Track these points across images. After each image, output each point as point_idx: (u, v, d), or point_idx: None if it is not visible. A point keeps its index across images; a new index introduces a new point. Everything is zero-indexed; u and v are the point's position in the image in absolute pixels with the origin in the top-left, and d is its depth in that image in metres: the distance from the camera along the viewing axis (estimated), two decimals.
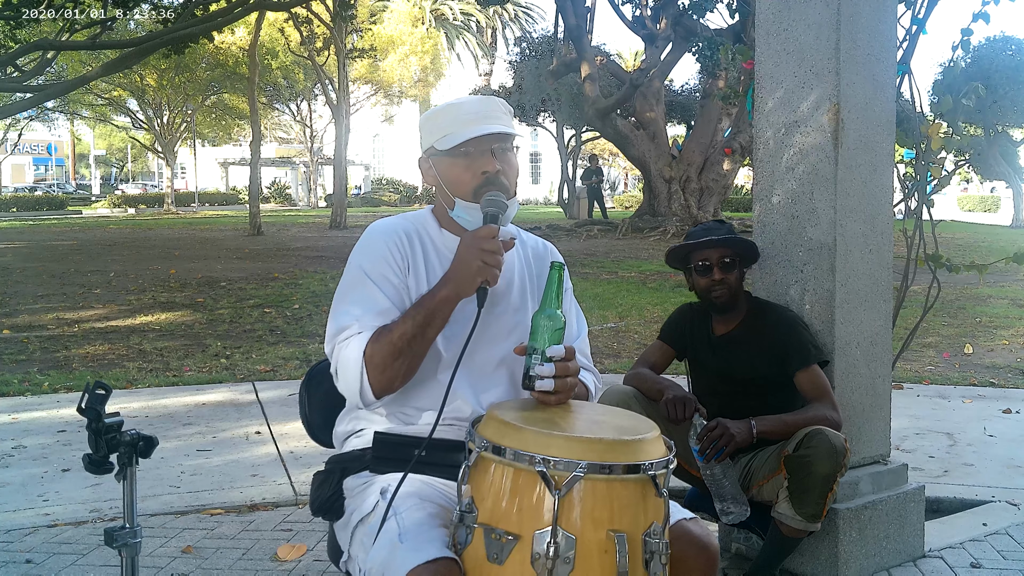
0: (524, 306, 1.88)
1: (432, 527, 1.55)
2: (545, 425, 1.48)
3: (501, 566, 1.40)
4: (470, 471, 1.49)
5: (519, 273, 1.90)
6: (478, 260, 1.64)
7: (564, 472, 1.38)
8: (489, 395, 1.80)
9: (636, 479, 1.42)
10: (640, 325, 8.00)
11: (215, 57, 28.60)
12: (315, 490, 1.84)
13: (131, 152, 55.10)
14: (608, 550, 1.38)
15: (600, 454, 1.40)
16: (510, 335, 1.83)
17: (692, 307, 2.88)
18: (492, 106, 1.83)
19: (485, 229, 1.68)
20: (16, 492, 3.67)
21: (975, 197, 41.78)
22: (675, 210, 18.37)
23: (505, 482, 1.44)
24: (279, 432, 4.57)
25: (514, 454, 1.42)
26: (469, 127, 1.78)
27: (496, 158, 1.79)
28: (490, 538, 1.42)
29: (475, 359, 1.79)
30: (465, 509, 1.47)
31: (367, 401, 1.73)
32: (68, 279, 11.46)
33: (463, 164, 1.79)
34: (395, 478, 1.66)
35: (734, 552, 2.98)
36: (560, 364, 1.61)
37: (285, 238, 19.02)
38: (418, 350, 1.69)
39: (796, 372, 2.63)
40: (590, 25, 19.53)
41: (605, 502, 1.40)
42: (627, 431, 1.50)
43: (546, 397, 1.61)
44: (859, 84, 2.81)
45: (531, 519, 1.40)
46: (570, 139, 31.95)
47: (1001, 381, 5.91)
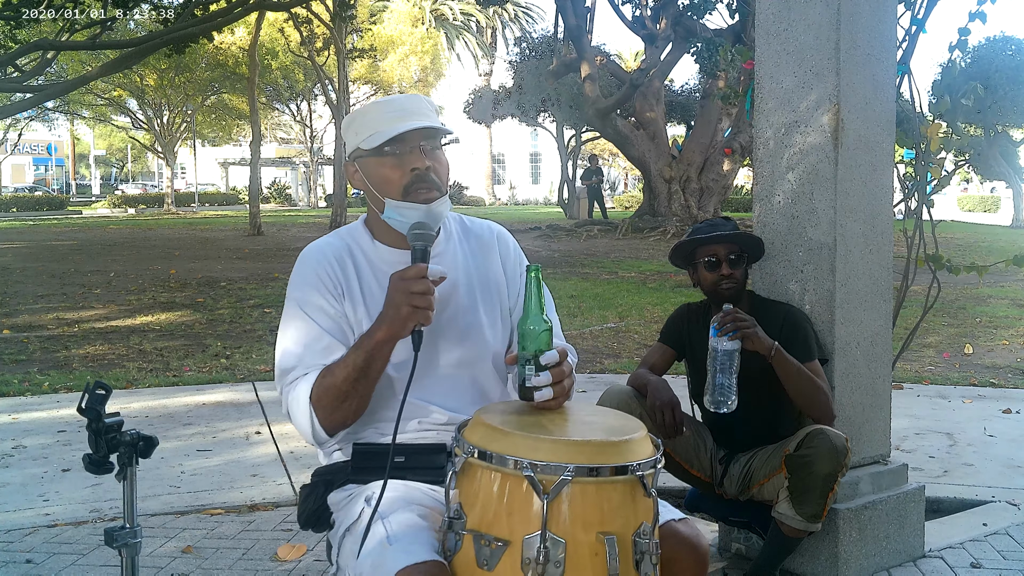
0: (474, 305, 1.85)
1: (421, 530, 1.55)
2: (532, 428, 1.48)
3: (491, 572, 1.40)
4: (457, 477, 1.48)
5: (464, 270, 1.87)
6: (407, 305, 1.57)
7: (552, 476, 1.37)
8: (457, 400, 1.79)
9: (624, 480, 1.41)
10: (640, 325, 8.00)
11: (215, 57, 28.59)
12: (302, 503, 1.85)
13: (131, 152, 55.08)
14: (598, 552, 1.38)
15: (588, 456, 1.40)
16: (466, 337, 1.81)
17: (691, 307, 2.88)
18: (418, 103, 1.79)
19: (413, 269, 1.61)
20: (16, 492, 3.67)
21: (975, 197, 41.77)
22: (675, 210, 18.37)
23: (493, 487, 1.43)
24: (279, 432, 4.57)
25: (500, 459, 1.41)
26: (395, 124, 1.73)
27: (425, 155, 1.75)
28: (479, 544, 1.41)
29: (436, 365, 1.79)
30: (454, 515, 1.46)
31: (320, 440, 1.71)
32: (68, 279, 11.47)
33: (391, 163, 1.75)
34: (379, 486, 1.65)
35: (734, 552, 2.98)
36: (555, 370, 1.59)
37: (285, 238, 19.01)
38: (364, 390, 1.66)
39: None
40: (590, 25, 19.53)
41: (594, 504, 1.40)
42: (615, 431, 1.49)
43: (546, 404, 1.59)
44: (859, 84, 2.81)
45: (520, 524, 1.39)
46: (570, 139, 31.95)
47: (1001, 381, 5.91)
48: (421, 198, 1.74)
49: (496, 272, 1.92)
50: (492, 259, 1.93)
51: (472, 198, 42.83)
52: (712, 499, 2.79)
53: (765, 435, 2.67)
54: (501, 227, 2.01)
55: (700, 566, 1.61)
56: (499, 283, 1.91)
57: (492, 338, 1.86)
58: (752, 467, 2.64)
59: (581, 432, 1.50)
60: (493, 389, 1.86)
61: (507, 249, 1.96)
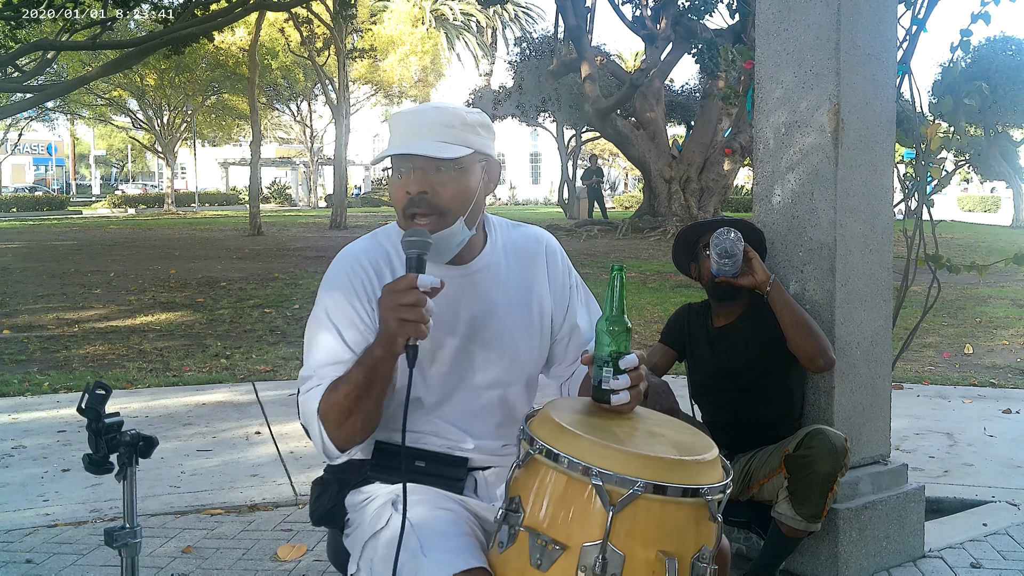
0: (514, 326, 1.77)
1: (453, 537, 1.51)
2: (602, 435, 1.43)
3: (544, 572, 1.37)
4: (519, 469, 1.45)
5: (504, 288, 1.78)
6: (395, 318, 1.47)
7: (619, 488, 1.34)
8: (484, 424, 1.75)
9: (692, 502, 1.37)
10: (640, 325, 7.99)
11: (215, 57, 28.60)
12: (314, 500, 1.81)
13: (131, 152, 55.11)
14: (656, 571, 1.35)
15: (658, 473, 1.36)
16: (501, 359, 1.76)
17: (691, 307, 2.88)
18: (426, 120, 1.64)
19: (402, 280, 1.49)
20: (16, 492, 3.67)
21: (975, 197, 41.75)
22: (675, 210, 18.36)
23: (557, 489, 1.39)
24: (279, 432, 4.57)
25: (569, 463, 1.37)
26: (402, 140, 1.64)
27: (421, 178, 1.62)
28: (535, 543, 1.38)
29: (468, 386, 1.74)
30: (511, 508, 1.43)
31: (332, 455, 1.66)
32: (68, 279, 11.46)
33: (396, 180, 1.66)
34: (399, 488, 1.62)
35: (734, 552, 2.98)
36: (634, 374, 1.53)
37: (285, 238, 19.02)
38: (368, 407, 1.58)
39: None
40: (590, 25, 19.53)
41: (658, 522, 1.36)
42: (686, 449, 1.45)
43: (620, 409, 1.53)
44: (859, 84, 2.81)
45: (580, 530, 1.36)
46: (570, 139, 31.96)
47: (1001, 381, 5.91)
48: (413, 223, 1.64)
49: (540, 290, 1.83)
50: (538, 275, 1.84)
51: None
52: None
53: (765, 435, 2.67)
54: (550, 236, 1.91)
55: (722, 566, 1.59)
56: (543, 302, 1.83)
57: (529, 360, 1.81)
58: (752, 467, 2.64)
59: (652, 445, 1.45)
60: (520, 408, 1.79)
61: (555, 263, 1.86)
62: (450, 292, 1.62)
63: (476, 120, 1.67)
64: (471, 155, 1.65)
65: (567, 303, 1.86)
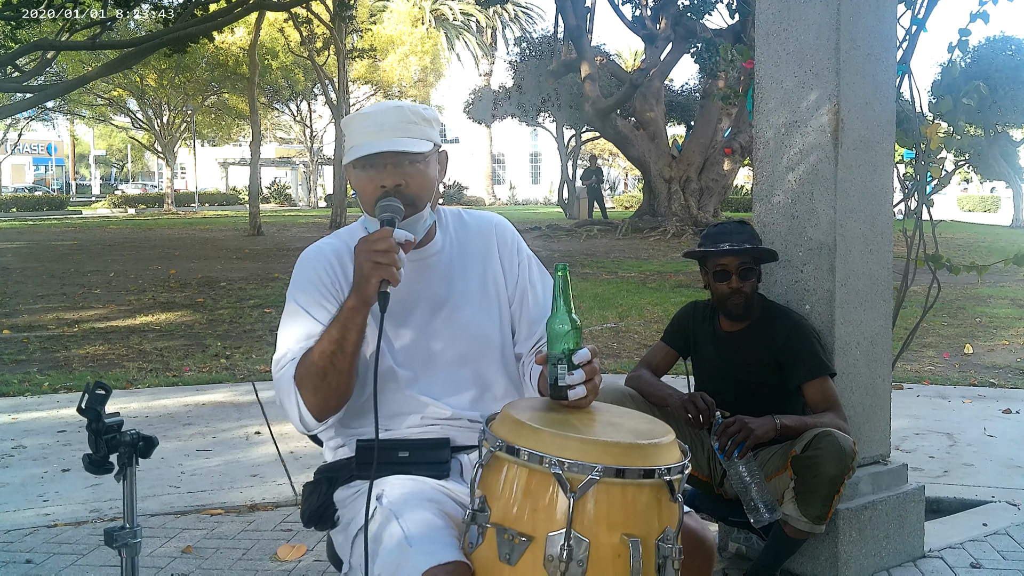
0: (472, 301, 1.86)
1: (439, 528, 1.54)
2: (561, 426, 1.48)
3: (513, 567, 1.40)
4: (483, 470, 1.48)
5: (461, 267, 1.88)
6: (369, 262, 1.59)
7: (579, 475, 1.37)
8: (459, 395, 1.81)
9: (651, 484, 1.41)
10: (640, 325, 7.99)
11: (215, 57, 28.58)
12: (305, 500, 1.84)
13: (131, 152, 55.09)
14: (621, 554, 1.38)
15: (616, 458, 1.40)
16: (465, 334, 1.84)
17: (698, 304, 2.87)
18: (397, 117, 1.76)
19: (377, 232, 1.63)
20: (16, 492, 3.67)
21: (975, 197, 41.76)
22: (675, 210, 18.37)
23: (519, 482, 1.43)
24: (279, 432, 4.58)
25: (528, 455, 1.41)
26: (369, 140, 1.74)
27: (394, 172, 1.74)
28: (502, 538, 1.41)
29: (437, 361, 1.82)
30: (478, 508, 1.46)
31: (310, 426, 1.72)
32: (68, 279, 11.47)
33: (365, 176, 1.76)
34: (388, 482, 1.66)
35: (734, 552, 2.98)
36: (588, 367, 1.57)
37: (285, 238, 19.01)
38: (341, 366, 1.66)
39: (806, 382, 2.61)
40: (590, 25, 19.53)
41: (620, 506, 1.39)
42: (643, 434, 1.49)
43: (578, 403, 1.58)
44: (859, 84, 2.81)
45: (545, 521, 1.39)
46: (570, 139, 31.95)
47: (1001, 381, 5.91)
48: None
49: (494, 266, 1.92)
50: (491, 253, 1.93)
51: (472, 198, 42.83)
52: (712, 499, 2.79)
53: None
54: (502, 218, 2.00)
55: (707, 559, 1.61)
56: (496, 278, 1.91)
57: (494, 333, 1.88)
58: None
59: (609, 433, 1.49)
60: (497, 383, 1.87)
61: (504, 239, 1.95)
62: (410, 275, 1.76)
63: (431, 115, 1.82)
64: (432, 148, 1.80)
65: (516, 276, 1.94)
